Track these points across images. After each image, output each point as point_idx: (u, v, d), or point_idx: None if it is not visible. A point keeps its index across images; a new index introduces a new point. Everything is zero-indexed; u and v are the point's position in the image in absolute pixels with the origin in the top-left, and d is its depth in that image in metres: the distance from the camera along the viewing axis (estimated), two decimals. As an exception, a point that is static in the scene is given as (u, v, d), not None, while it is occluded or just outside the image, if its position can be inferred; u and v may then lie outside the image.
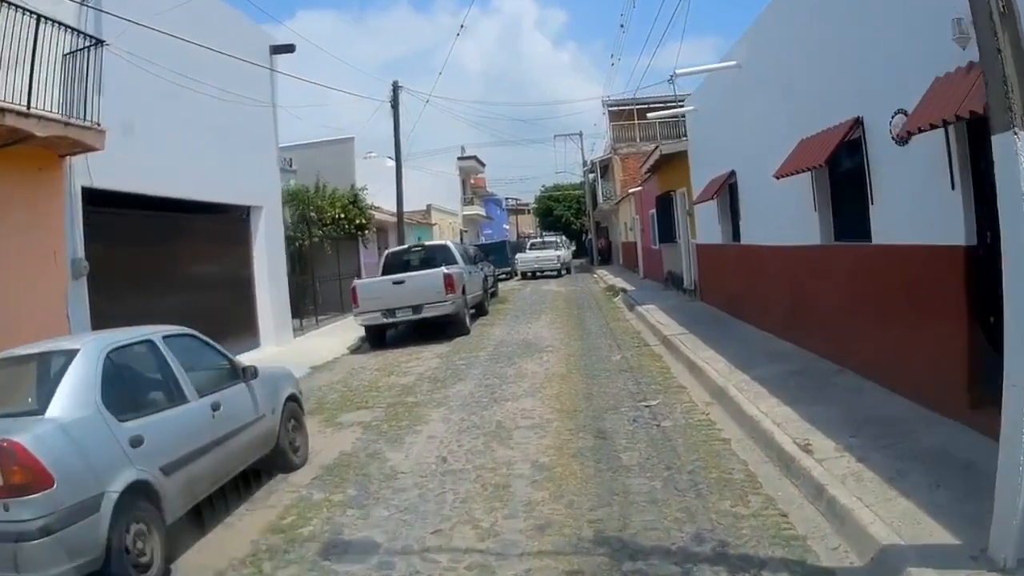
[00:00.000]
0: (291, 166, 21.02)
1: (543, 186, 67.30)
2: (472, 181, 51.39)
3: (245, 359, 13.30)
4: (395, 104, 19.86)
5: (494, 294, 21.22)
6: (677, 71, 10.47)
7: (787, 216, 8.59)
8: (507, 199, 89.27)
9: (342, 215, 18.95)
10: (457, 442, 5.91)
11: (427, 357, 10.83)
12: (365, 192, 20.04)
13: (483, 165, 49.97)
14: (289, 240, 17.48)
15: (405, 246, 14.76)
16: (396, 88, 19.79)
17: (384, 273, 14.12)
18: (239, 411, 5.16)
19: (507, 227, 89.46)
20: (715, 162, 12.04)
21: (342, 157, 21.02)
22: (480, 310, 15.91)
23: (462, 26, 32.71)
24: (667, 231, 17.58)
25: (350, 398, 8.31)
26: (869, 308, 6.53)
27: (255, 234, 13.71)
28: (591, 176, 42.67)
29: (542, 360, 9.57)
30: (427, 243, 15.11)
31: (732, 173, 11.02)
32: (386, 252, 14.62)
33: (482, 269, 17.77)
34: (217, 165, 12.02)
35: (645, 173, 19.16)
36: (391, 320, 12.38)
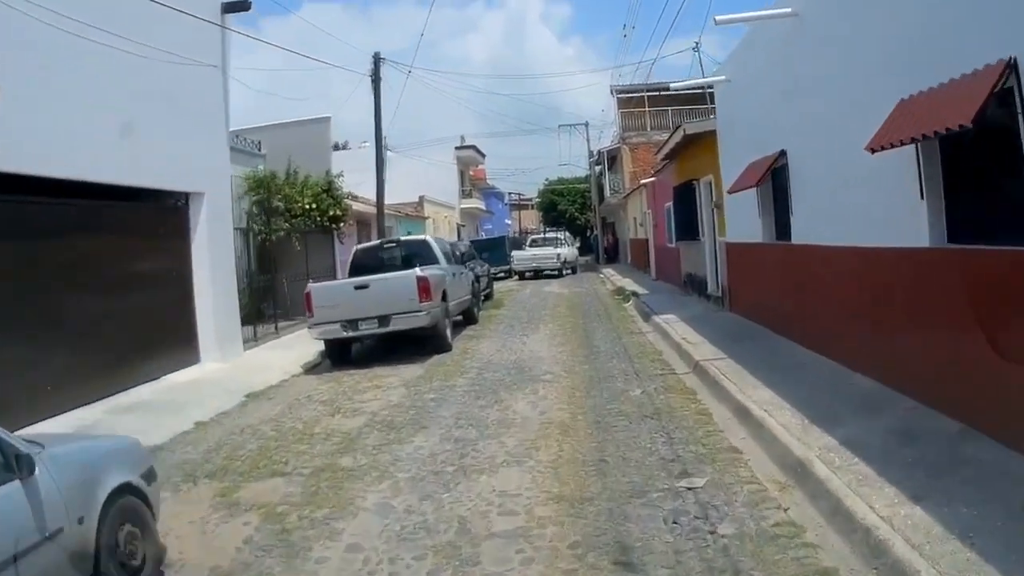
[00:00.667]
0: (259, 149, 18.82)
1: (546, 179, 65.16)
2: (471, 173, 49.16)
3: (181, 378, 11.16)
4: (376, 78, 17.67)
5: (488, 296, 19.04)
6: (717, 18, 8.29)
7: (871, 208, 6.37)
8: (510, 194, 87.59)
9: (313, 205, 16.77)
10: (390, 566, 3.70)
11: (392, 384, 8.66)
12: (341, 179, 17.83)
13: (483, 156, 47.72)
14: (251, 234, 15.39)
15: (377, 242, 12.53)
16: (377, 61, 17.57)
17: (353, 273, 11.94)
18: (3, 531, 2.99)
19: (509, 222, 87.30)
20: (755, 142, 9.82)
21: (317, 139, 18.80)
22: (468, 317, 13.74)
23: None
24: (687, 227, 15.37)
25: (270, 453, 6.11)
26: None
27: (195, 226, 11.50)
28: (597, 168, 40.41)
29: (537, 396, 7.38)
30: (404, 238, 12.82)
31: (781, 154, 8.80)
32: (355, 248, 12.44)
33: (472, 269, 15.61)
34: (143, 141, 9.83)
35: (662, 160, 16.95)
36: (352, 334, 10.19)
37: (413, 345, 10.75)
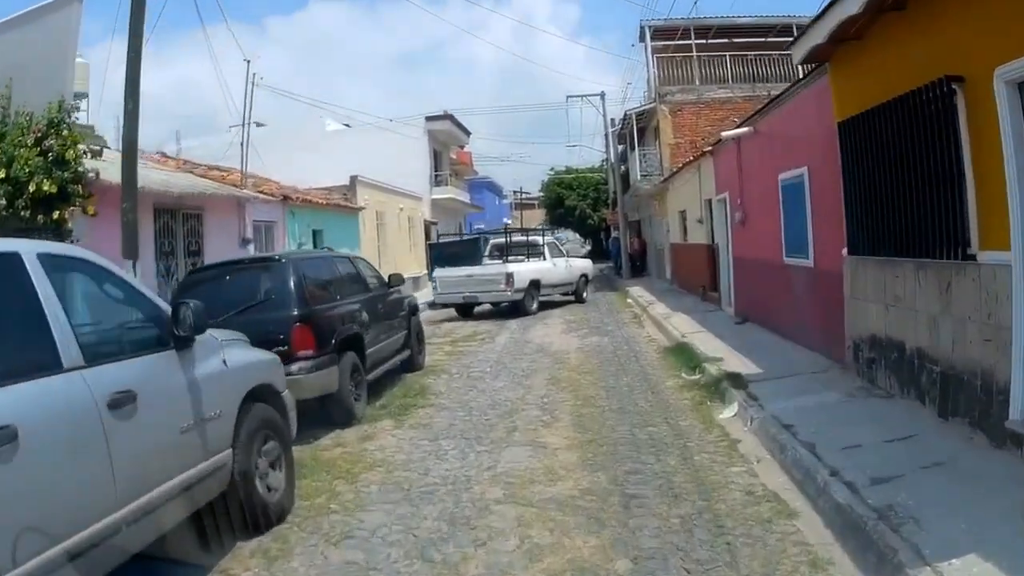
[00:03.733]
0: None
1: (551, 169, 55.99)
2: (454, 156, 39.97)
3: None
4: None
5: (407, 364, 9.74)
6: None
7: None
8: (515, 192, 79.51)
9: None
10: None
11: None
12: (76, 116, 8.65)
13: (467, 133, 38.45)
14: None
15: None
16: None
17: None
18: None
19: (508, 221, 78.44)
20: None
21: (54, 42, 9.67)
22: (249, 511, 4.38)
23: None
24: (895, 220, 6.10)
25: None
26: None
27: None
28: (619, 148, 31.10)
29: None
30: None
31: None
32: None
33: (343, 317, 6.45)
34: None
35: (804, 62, 7.53)
36: None
37: None
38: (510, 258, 17.51)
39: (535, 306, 17.19)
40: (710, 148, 14.35)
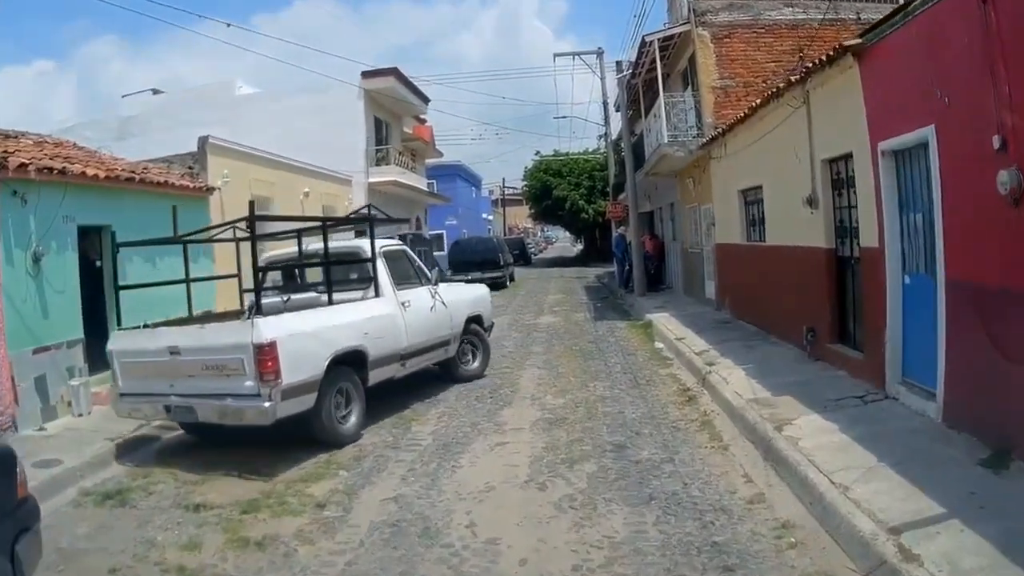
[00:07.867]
0: None
1: (537, 153, 48.48)
2: (410, 131, 32.51)
3: None
4: None
5: None
6: None
7: None
8: (503, 188, 73.59)
9: None
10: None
11: None
12: None
13: (425, 100, 31.04)
14: None
15: None
16: None
17: None
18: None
19: (490, 217, 71.26)
20: None
21: None
22: None
23: None
24: None
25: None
26: None
27: None
28: (628, 113, 23.62)
29: None
30: None
31: None
32: None
33: None
34: None
35: None
36: None
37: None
38: (279, 298, 8.19)
39: (352, 423, 7.50)
40: (855, 41, 7.04)
